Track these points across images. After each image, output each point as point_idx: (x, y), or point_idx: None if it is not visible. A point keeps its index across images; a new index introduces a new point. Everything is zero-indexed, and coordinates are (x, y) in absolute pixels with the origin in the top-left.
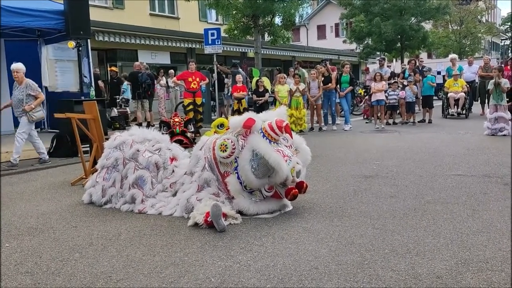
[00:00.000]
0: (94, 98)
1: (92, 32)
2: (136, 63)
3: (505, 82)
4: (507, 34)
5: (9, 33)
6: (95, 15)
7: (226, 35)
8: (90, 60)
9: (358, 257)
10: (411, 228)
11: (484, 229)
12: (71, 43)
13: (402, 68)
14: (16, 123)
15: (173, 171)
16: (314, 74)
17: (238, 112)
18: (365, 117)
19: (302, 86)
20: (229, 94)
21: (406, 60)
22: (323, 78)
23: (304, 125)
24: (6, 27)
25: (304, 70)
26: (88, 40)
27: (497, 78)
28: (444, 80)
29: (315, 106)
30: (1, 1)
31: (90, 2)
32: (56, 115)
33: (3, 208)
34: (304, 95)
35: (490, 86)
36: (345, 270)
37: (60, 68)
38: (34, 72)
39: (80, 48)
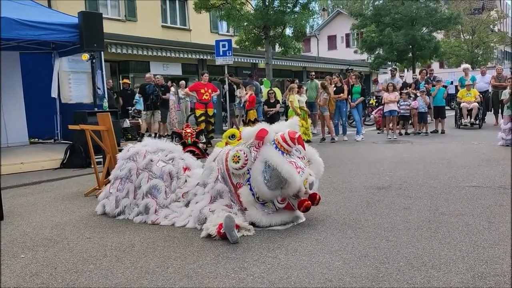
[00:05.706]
0: (108, 109)
1: (105, 44)
2: (147, 75)
3: None
4: None
5: (24, 46)
6: (108, 27)
7: (237, 46)
8: (104, 72)
9: (373, 269)
10: (425, 240)
11: (500, 241)
12: (85, 56)
13: (413, 78)
14: (31, 134)
15: (186, 180)
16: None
17: (244, 123)
18: (377, 127)
19: (304, 97)
20: (240, 104)
21: (417, 70)
22: (335, 88)
23: (310, 135)
24: (22, 40)
25: (317, 81)
26: (102, 52)
27: (510, 88)
28: (457, 90)
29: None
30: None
31: (103, 15)
32: (71, 127)
33: (18, 219)
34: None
35: (504, 96)
36: (359, 283)
37: (74, 80)
38: (49, 84)
39: (94, 60)
